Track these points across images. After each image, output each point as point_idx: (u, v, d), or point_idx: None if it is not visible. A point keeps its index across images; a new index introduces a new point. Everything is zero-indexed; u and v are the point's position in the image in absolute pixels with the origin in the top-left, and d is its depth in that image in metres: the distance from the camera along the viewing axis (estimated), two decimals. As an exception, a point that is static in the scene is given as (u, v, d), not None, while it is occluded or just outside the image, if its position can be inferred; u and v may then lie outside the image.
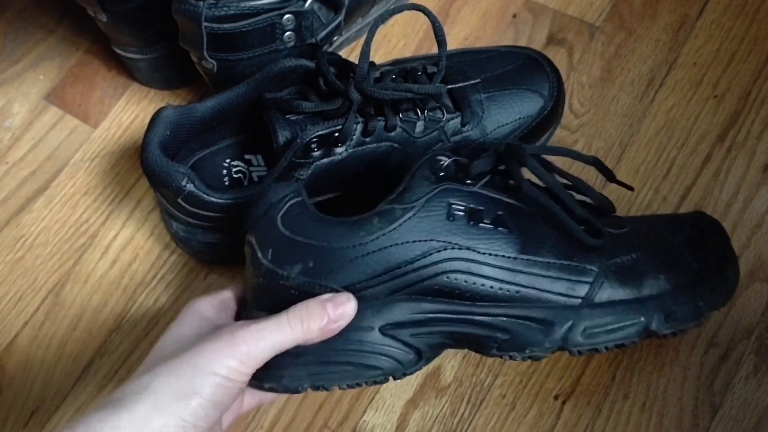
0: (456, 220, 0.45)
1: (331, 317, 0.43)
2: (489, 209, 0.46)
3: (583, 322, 0.46)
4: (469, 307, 0.46)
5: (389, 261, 0.45)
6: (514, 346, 0.46)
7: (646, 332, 0.46)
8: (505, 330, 0.46)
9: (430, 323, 0.46)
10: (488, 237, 0.46)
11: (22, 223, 0.65)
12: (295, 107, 0.52)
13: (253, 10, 0.53)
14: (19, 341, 0.61)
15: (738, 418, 0.53)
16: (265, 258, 0.45)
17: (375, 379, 0.46)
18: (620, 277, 0.46)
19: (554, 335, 0.45)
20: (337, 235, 0.45)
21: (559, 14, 0.68)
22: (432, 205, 0.46)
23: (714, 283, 0.48)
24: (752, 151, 0.61)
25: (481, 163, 0.47)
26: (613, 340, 0.46)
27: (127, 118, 0.68)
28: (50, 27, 0.73)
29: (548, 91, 0.58)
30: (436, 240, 0.45)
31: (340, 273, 0.45)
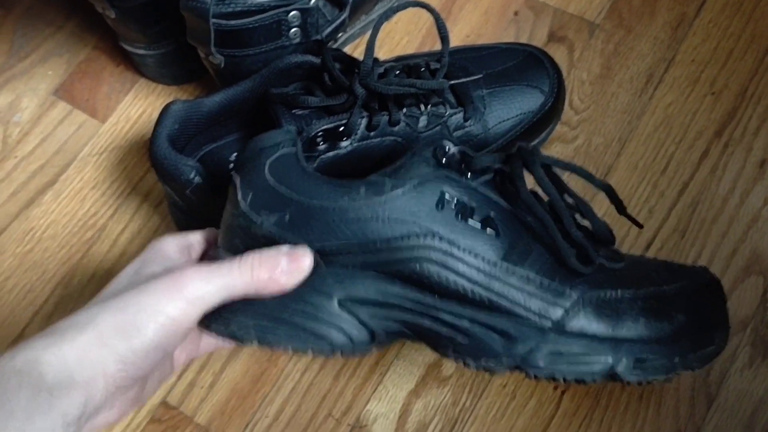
0: (444, 211, 0.44)
1: (283, 268, 0.42)
2: (481, 208, 0.45)
3: (547, 346, 0.43)
4: (435, 301, 0.44)
5: (366, 234, 0.43)
6: (472, 353, 0.44)
7: (609, 374, 0.44)
8: (466, 334, 0.44)
9: (392, 308, 0.44)
10: (473, 235, 0.44)
11: (31, 217, 0.66)
12: (301, 102, 0.53)
13: (259, 6, 0.54)
14: (28, 333, 0.61)
15: (733, 409, 0.54)
16: (244, 201, 0.44)
17: (321, 349, 0.44)
18: (598, 311, 0.44)
19: (515, 351, 0.44)
20: (320, 194, 0.43)
21: (560, 12, 0.69)
22: (424, 189, 0.44)
23: (697, 343, 0.45)
24: (749, 147, 0.62)
25: (486, 158, 0.46)
26: (574, 372, 0.44)
27: (134, 113, 0.69)
28: (59, 23, 0.74)
29: (549, 88, 0.59)
30: (419, 225, 0.43)
31: (314, 233, 0.43)
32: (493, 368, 0.44)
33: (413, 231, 0.43)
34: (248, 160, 0.45)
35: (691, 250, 0.59)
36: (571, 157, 0.63)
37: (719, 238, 0.59)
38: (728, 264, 0.58)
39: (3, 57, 0.73)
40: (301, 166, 0.44)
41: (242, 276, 0.42)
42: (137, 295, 0.40)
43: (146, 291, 0.41)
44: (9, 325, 0.62)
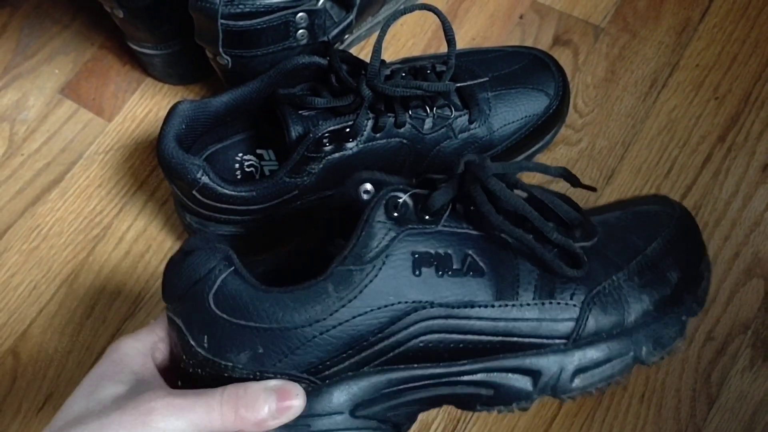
0: (423, 274, 0.40)
1: (273, 411, 0.37)
2: (456, 251, 0.41)
3: (572, 365, 0.42)
4: (446, 368, 0.41)
5: (353, 335, 0.39)
6: (501, 401, 0.42)
7: (634, 363, 0.43)
8: (489, 386, 0.41)
9: (406, 393, 0.41)
10: (460, 287, 0.41)
11: (37, 214, 0.66)
12: (308, 103, 0.54)
13: (267, 8, 0.55)
14: (33, 329, 0.62)
15: (734, 410, 0.54)
16: (201, 346, 0.39)
17: None
18: (604, 306, 0.43)
19: (543, 384, 0.42)
20: (287, 313, 0.38)
21: (565, 16, 0.70)
22: (394, 261, 0.40)
23: (693, 290, 0.45)
24: (752, 152, 0.63)
25: (441, 194, 0.42)
26: (604, 379, 0.42)
27: (141, 112, 0.70)
28: (65, 22, 0.75)
29: (554, 91, 0.59)
30: (404, 302, 0.40)
31: (297, 356, 0.39)
32: (527, 407, 0.42)
33: (401, 310, 0.40)
34: (183, 297, 0.39)
35: (693, 254, 0.59)
36: (575, 160, 0.63)
37: (721, 241, 0.60)
38: (730, 267, 0.59)
39: (10, 55, 0.73)
40: (248, 285, 0.39)
41: (224, 417, 0.37)
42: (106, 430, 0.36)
43: (108, 426, 0.36)
44: (14, 322, 0.62)
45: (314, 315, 0.38)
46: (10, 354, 0.61)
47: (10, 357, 0.61)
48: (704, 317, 0.57)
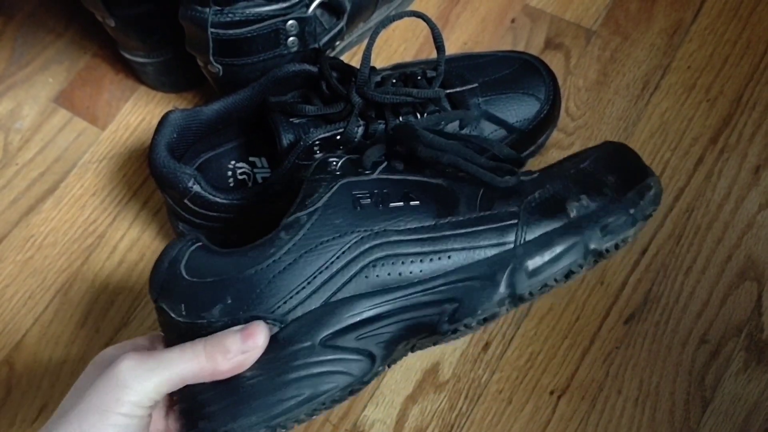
0: (364, 207, 0.44)
1: (239, 348, 0.40)
2: (395, 190, 0.45)
3: (523, 263, 0.43)
4: (403, 289, 0.43)
5: (308, 268, 0.42)
6: (467, 311, 0.43)
7: (588, 253, 0.44)
8: (451, 299, 0.43)
9: (372, 321, 0.43)
10: (401, 214, 0.44)
11: (32, 224, 0.66)
12: (299, 110, 0.54)
13: (257, 16, 0.55)
14: (27, 339, 0.62)
15: (728, 413, 0.54)
16: (180, 315, 0.42)
17: (333, 397, 0.42)
18: (544, 210, 0.44)
19: (500, 286, 0.43)
20: (248, 262, 0.42)
21: (557, 19, 0.70)
22: (334, 201, 0.44)
23: (639, 192, 0.45)
24: (744, 153, 0.63)
25: (373, 151, 0.46)
26: (559, 270, 0.44)
27: (134, 120, 0.70)
28: (59, 31, 0.75)
29: (545, 95, 0.59)
30: (348, 232, 0.43)
31: (261, 298, 0.42)
32: (493, 312, 0.44)
33: (346, 241, 0.43)
34: (163, 281, 0.43)
35: (686, 256, 0.59)
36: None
37: (714, 243, 0.60)
38: (723, 269, 0.59)
39: (4, 64, 0.74)
40: (214, 251, 0.43)
41: (196, 359, 0.39)
42: (81, 400, 0.38)
43: (89, 394, 0.38)
44: (9, 332, 0.62)
45: (272, 258, 0.42)
46: (5, 364, 0.61)
47: (5, 367, 0.61)
48: (698, 320, 0.57)
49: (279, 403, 0.41)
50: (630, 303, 0.58)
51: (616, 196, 0.45)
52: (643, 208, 0.45)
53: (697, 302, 0.58)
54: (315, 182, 0.45)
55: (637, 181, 0.46)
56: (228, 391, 0.41)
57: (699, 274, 0.59)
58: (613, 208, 0.44)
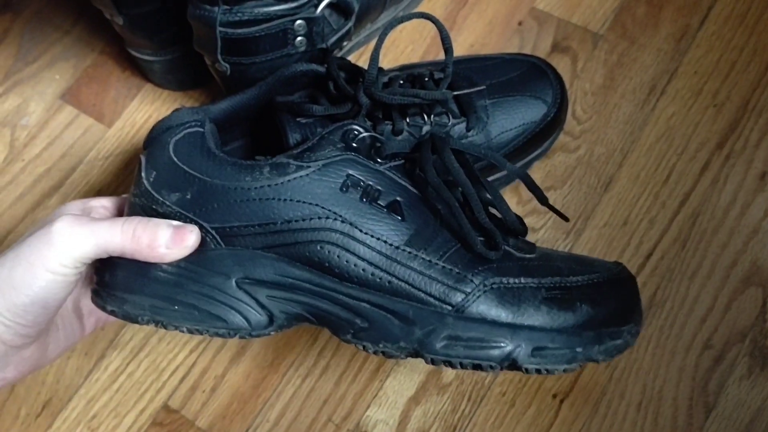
0: (348, 193, 0.44)
1: (166, 239, 0.42)
2: (388, 192, 0.45)
3: (445, 330, 0.43)
4: (335, 284, 0.44)
5: (267, 214, 0.43)
6: (370, 337, 0.44)
7: (508, 360, 0.43)
8: (365, 318, 0.44)
9: (291, 290, 0.44)
10: (377, 219, 0.44)
11: (38, 219, 0.67)
12: (306, 110, 0.54)
13: (266, 15, 0.55)
14: (32, 334, 0.62)
15: (731, 419, 0.54)
16: (148, 180, 0.44)
17: (218, 331, 0.44)
18: (500, 298, 0.43)
19: (412, 336, 0.43)
20: (222, 174, 0.43)
21: (564, 23, 0.70)
22: (329, 171, 0.44)
23: (602, 336, 0.44)
24: (750, 159, 0.63)
25: (396, 143, 0.46)
26: (470, 357, 0.43)
27: (140, 118, 0.70)
28: (66, 28, 0.75)
29: (552, 98, 0.59)
30: (321, 207, 0.43)
31: (215, 213, 0.43)
32: (390, 353, 0.44)
33: (315, 212, 0.43)
34: (154, 139, 0.45)
35: (691, 261, 0.59)
36: (573, 167, 0.63)
37: (719, 249, 0.60)
38: (728, 275, 0.59)
39: (11, 61, 0.74)
40: (206, 146, 0.44)
41: (123, 235, 0.41)
42: (13, 251, 0.40)
43: (21, 246, 0.40)
44: (14, 327, 0.62)
45: (243, 183, 0.43)
46: (9, 359, 0.61)
47: (9, 362, 0.61)
48: (702, 325, 0.57)
49: (172, 303, 0.43)
50: (634, 307, 0.58)
51: (575, 327, 0.43)
52: (592, 353, 0.43)
53: (701, 307, 0.58)
54: (326, 141, 0.45)
55: (611, 324, 0.44)
56: (139, 270, 0.43)
57: (704, 279, 0.59)
58: (560, 339, 0.43)
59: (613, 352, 0.44)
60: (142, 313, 0.44)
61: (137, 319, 0.44)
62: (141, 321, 0.44)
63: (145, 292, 0.43)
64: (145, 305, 0.43)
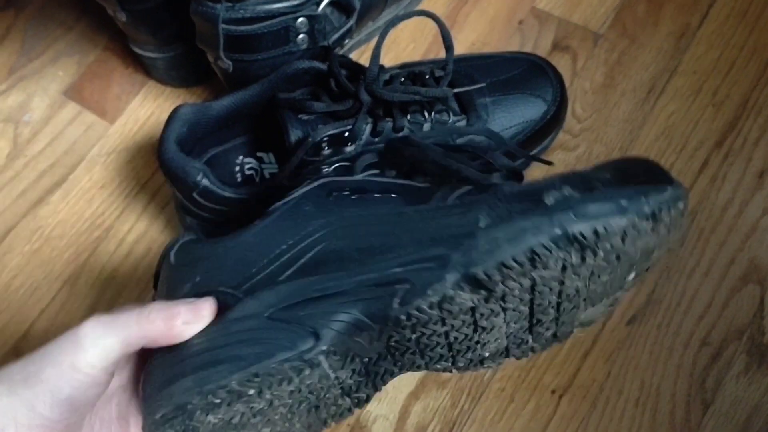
0: (337, 196, 0.43)
1: (183, 317, 0.41)
2: (376, 187, 0.44)
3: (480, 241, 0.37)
4: (357, 267, 0.40)
5: (269, 247, 0.42)
6: (416, 293, 0.38)
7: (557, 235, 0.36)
8: (403, 280, 0.39)
9: (322, 299, 0.41)
10: (373, 202, 0.43)
11: (40, 215, 0.67)
12: (307, 107, 0.54)
13: (268, 13, 0.55)
14: (34, 330, 0.63)
15: (729, 415, 0.55)
16: (162, 296, 0.45)
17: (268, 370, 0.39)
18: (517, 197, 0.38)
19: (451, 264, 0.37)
20: (219, 245, 0.43)
21: (564, 22, 0.70)
22: (311, 193, 0.44)
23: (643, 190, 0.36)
24: (749, 158, 0.63)
25: (365, 158, 0.45)
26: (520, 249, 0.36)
27: (143, 114, 0.71)
28: (69, 24, 0.75)
29: (551, 97, 0.60)
30: (315, 217, 0.42)
31: (224, 274, 0.42)
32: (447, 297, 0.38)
33: (314, 223, 0.42)
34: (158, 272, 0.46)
35: (689, 259, 0.60)
36: (573, 165, 0.64)
37: (717, 247, 0.60)
38: (726, 273, 0.59)
39: (14, 57, 0.74)
40: (199, 240, 0.45)
41: (140, 323, 0.41)
42: (43, 349, 0.40)
43: (49, 346, 0.40)
44: (16, 323, 0.63)
45: (239, 239, 0.43)
46: (12, 354, 0.61)
47: (12, 357, 0.61)
48: (700, 323, 0.58)
49: (213, 368, 0.40)
50: (632, 304, 0.59)
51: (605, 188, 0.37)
52: (641, 203, 0.36)
53: (699, 305, 0.58)
54: (301, 181, 0.46)
55: (647, 181, 0.38)
56: (172, 355, 0.42)
57: (702, 276, 0.59)
58: (597, 196, 0.36)
59: (669, 203, 0.37)
60: (189, 394, 0.40)
61: (187, 406, 0.40)
62: (193, 404, 0.40)
63: (183, 375, 0.40)
64: (190, 386, 0.40)
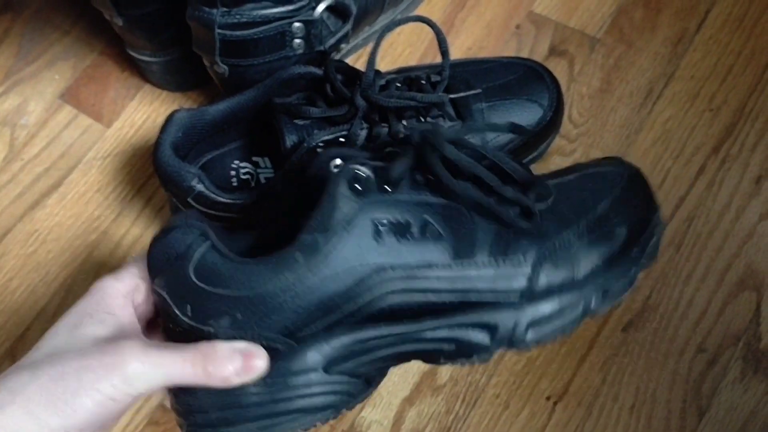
0: (383, 239, 0.42)
1: (237, 369, 0.40)
2: (415, 217, 0.44)
3: (525, 318, 0.44)
4: (410, 326, 0.43)
5: (321, 298, 0.42)
6: (461, 354, 0.44)
7: (589, 313, 0.45)
8: (451, 341, 0.44)
9: (375, 350, 0.43)
10: (419, 249, 0.43)
11: (36, 219, 0.67)
12: (303, 112, 0.54)
13: (264, 18, 0.55)
14: (30, 333, 0.62)
15: (724, 422, 0.55)
16: (185, 315, 0.41)
17: (327, 417, 0.44)
18: (554, 262, 0.44)
19: (500, 338, 0.43)
20: (260, 281, 0.41)
21: (561, 26, 0.70)
22: (355, 227, 0.42)
23: (643, 245, 0.46)
24: (746, 163, 0.63)
25: (399, 165, 0.44)
26: (556, 331, 0.44)
27: (139, 118, 0.70)
28: (66, 28, 0.75)
29: (548, 102, 0.60)
30: (367, 265, 0.42)
31: (271, 320, 0.41)
32: (487, 358, 0.44)
33: (364, 272, 0.42)
34: (166, 271, 0.42)
35: (685, 265, 0.60)
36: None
37: (714, 252, 0.60)
38: (722, 278, 0.59)
39: (11, 60, 0.74)
40: (224, 258, 0.42)
41: (194, 368, 0.40)
42: (74, 370, 0.38)
43: (85, 366, 0.38)
44: (12, 326, 0.63)
45: (285, 282, 0.41)
46: (8, 357, 0.61)
47: (8, 360, 0.61)
48: (695, 329, 0.57)
49: (277, 418, 0.42)
50: (628, 310, 0.58)
51: (621, 251, 0.46)
52: (643, 264, 0.46)
53: (695, 311, 0.58)
54: (335, 197, 0.42)
55: (643, 229, 0.47)
56: (228, 396, 0.42)
57: (698, 282, 0.59)
58: (618, 273, 0.45)
59: (655, 251, 0.47)
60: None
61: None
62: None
63: (248, 418, 0.42)
64: (253, 429, 0.42)
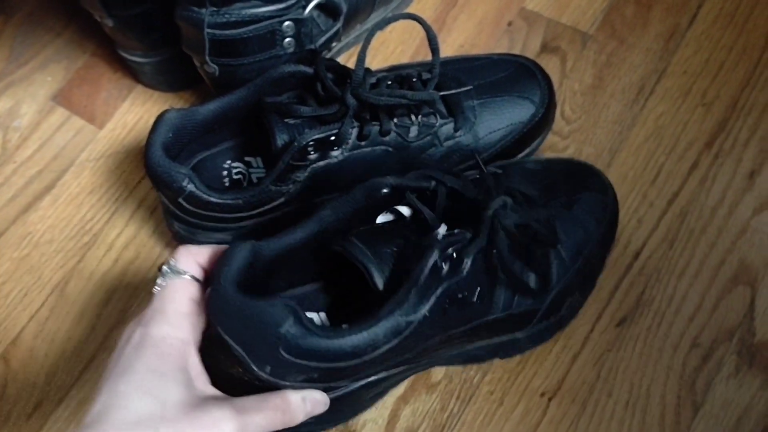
0: (446, 313, 0.46)
1: (307, 413, 0.45)
2: (471, 290, 0.48)
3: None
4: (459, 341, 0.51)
5: (394, 363, 0.48)
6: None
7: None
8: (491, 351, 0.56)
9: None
10: (467, 312, 0.48)
11: (29, 221, 0.67)
12: (294, 111, 0.54)
13: (253, 17, 0.55)
14: (24, 336, 0.62)
15: (719, 417, 0.54)
16: (263, 371, 0.43)
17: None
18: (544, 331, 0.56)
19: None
20: (343, 356, 0.43)
21: (553, 23, 0.70)
22: (433, 310, 0.45)
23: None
24: (738, 158, 0.63)
25: (471, 249, 0.47)
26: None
27: (131, 119, 0.70)
28: (58, 30, 0.75)
29: (539, 99, 0.59)
30: (432, 338, 0.47)
31: (341, 376, 0.46)
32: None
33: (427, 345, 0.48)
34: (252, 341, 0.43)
35: (679, 260, 0.59)
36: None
37: (707, 248, 0.60)
38: (716, 274, 0.59)
39: (3, 63, 0.74)
40: (312, 335, 0.42)
41: (273, 422, 0.43)
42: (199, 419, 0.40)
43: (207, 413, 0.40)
44: (5, 329, 0.62)
45: (364, 357, 0.44)
46: (1, 361, 0.61)
47: (0, 364, 0.61)
48: (690, 324, 0.57)
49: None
50: (622, 306, 0.58)
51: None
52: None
53: (689, 306, 0.58)
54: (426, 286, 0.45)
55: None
56: None
57: (692, 278, 0.59)
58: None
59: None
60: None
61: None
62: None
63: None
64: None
